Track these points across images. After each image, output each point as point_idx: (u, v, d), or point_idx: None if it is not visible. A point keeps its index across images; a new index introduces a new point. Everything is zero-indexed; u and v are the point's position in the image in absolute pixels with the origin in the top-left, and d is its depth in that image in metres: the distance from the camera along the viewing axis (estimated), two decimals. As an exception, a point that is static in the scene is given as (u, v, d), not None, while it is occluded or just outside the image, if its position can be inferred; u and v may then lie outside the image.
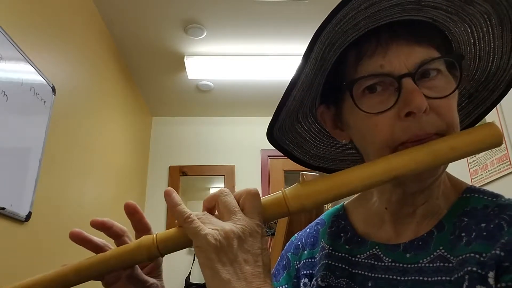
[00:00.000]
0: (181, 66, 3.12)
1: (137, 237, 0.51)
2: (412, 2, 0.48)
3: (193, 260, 3.44)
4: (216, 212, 0.47)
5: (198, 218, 0.43)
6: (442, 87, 0.48)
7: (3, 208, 1.47)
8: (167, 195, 0.46)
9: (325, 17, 0.46)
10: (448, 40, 0.53)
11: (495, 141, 0.46)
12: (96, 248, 0.50)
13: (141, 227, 0.52)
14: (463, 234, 0.47)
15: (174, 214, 0.44)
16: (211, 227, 0.42)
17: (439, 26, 0.52)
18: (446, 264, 0.47)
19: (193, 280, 3.39)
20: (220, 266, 0.41)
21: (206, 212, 0.46)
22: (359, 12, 0.46)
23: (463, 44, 0.54)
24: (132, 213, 0.52)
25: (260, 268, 0.42)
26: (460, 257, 0.45)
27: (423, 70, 0.47)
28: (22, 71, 1.63)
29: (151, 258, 0.48)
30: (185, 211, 0.44)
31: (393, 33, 0.48)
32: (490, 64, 0.54)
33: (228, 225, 0.42)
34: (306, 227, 0.68)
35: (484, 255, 0.43)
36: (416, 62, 0.47)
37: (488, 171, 2.18)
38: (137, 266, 0.52)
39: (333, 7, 0.45)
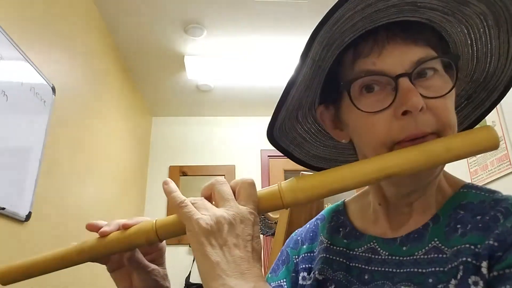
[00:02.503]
0: (181, 66, 3.12)
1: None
2: (408, 3, 0.48)
3: (193, 260, 3.43)
4: (213, 202, 0.48)
5: (193, 203, 0.45)
6: (439, 87, 0.48)
7: (3, 208, 1.47)
8: (165, 184, 0.48)
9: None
10: (444, 40, 0.54)
11: (492, 144, 0.46)
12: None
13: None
14: (458, 226, 0.48)
15: (169, 200, 0.46)
16: (204, 212, 0.44)
17: (436, 27, 0.52)
18: (440, 255, 0.47)
19: (193, 280, 3.39)
20: (209, 248, 0.42)
21: (202, 198, 0.48)
22: (356, 13, 0.47)
23: (460, 45, 0.54)
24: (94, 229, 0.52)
25: (250, 253, 0.43)
26: (455, 248, 0.46)
27: (419, 69, 0.48)
28: (22, 71, 1.63)
29: (150, 242, 0.50)
30: (179, 197, 0.46)
31: (390, 33, 0.49)
32: (488, 65, 0.54)
33: (219, 211, 0.44)
34: (306, 223, 0.69)
35: (478, 246, 0.44)
36: (412, 61, 0.47)
37: (488, 171, 2.18)
38: (138, 250, 0.54)
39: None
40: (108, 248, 0.50)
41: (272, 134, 0.56)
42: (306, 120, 0.60)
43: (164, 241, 0.54)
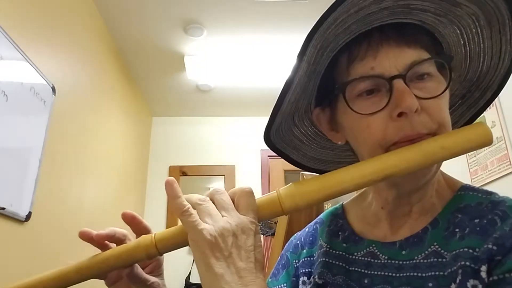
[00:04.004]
0: (181, 66, 3.12)
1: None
2: (401, 6, 0.49)
3: (193, 260, 3.42)
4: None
5: (199, 204, 0.44)
6: (433, 88, 0.49)
7: (3, 208, 1.47)
8: (168, 185, 0.45)
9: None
10: (437, 41, 0.54)
11: (485, 140, 0.47)
12: (102, 245, 0.52)
13: (141, 231, 0.53)
14: (456, 230, 0.48)
15: (172, 206, 0.45)
16: (208, 221, 0.43)
17: (429, 28, 0.53)
18: (440, 260, 0.47)
19: (193, 280, 3.39)
20: (213, 260, 0.41)
21: (208, 199, 0.46)
22: (349, 16, 0.47)
23: (453, 45, 0.54)
24: (130, 221, 0.53)
25: (253, 264, 0.43)
26: (454, 252, 0.46)
27: (413, 71, 0.48)
28: (22, 71, 1.63)
29: (150, 257, 0.49)
30: (184, 204, 0.44)
31: (383, 35, 0.50)
32: (481, 65, 0.54)
33: (222, 222, 0.43)
34: (306, 227, 0.69)
35: (477, 249, 0.44)
36: (406, 63, 0.48)
37: (488, 171, 2.18)
38: (137, 265, 0.54)
39: (331, 8, 0.45)
40: (107, 264, 0.49)
41: (269, 137, 0.56)
42: (303, 123, 0.60)
43: None
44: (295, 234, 0.69)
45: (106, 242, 0.52)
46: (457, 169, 2.30)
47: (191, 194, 0.46)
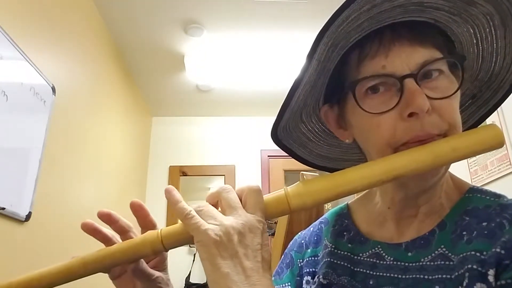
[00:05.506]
0: (181, 66, 3.12)
1: (142, 233, 0.52)
2: (414, 4, 0.48)
3: (193, 260, 3.43)
4: (219, 209, 0.47)
5: (199, 210, 0.44)
6: (444, 88, 0.48)
7: (3, 208, 1.47)
8: (167, 193, 0.46)
9: (325, 17, 0.46)
10: (450, 40, 0.53)
11: (497, 142, 0.46)
12: (105, 239, 0.52)
13: (147, 224, 0.53)
14: (464, 233, 0.47)
15: (174, 212, 0.45)
16: (212, 222, 0.43)
17: (441, 27, 0.52)
18: (447, 263, 0.47)
19: (193, 280, 3.39)
20: (220, 260, 0.41)
21: (207, 203, 0.46)
22: (361, 14, 0.47)
23: (466, 44, 0.54)
24: (138, 210, 0.53)
25: (259, 263, 0.42)
26: (461, 255, 0.45)
27: (425, 70, 0.47)
28: (22, 71, 1.63)
29: (156, 253, 0.49)
30: (185, 208, 0.44)
31: (395, 34, 0.49)
32: (493, 65, 0.54)
33: (228, 220, 0.43)
34: (310, 226, 0.68)
35: (484, 253, 0.43)
36: (418, 63, 0.47)
37: (488, 171, 2.18)
38: (142, 260, 0.54)
39: (333, 7, 0.45)
40: (112, 259, 0.49)
41: (276, 134, 0.56)
42: (310, 120, 0.60)
43: None
44: (299, 233, 0.69)
45: (110, 236, 0.52)
46: (457, 169, 2.30)
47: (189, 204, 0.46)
